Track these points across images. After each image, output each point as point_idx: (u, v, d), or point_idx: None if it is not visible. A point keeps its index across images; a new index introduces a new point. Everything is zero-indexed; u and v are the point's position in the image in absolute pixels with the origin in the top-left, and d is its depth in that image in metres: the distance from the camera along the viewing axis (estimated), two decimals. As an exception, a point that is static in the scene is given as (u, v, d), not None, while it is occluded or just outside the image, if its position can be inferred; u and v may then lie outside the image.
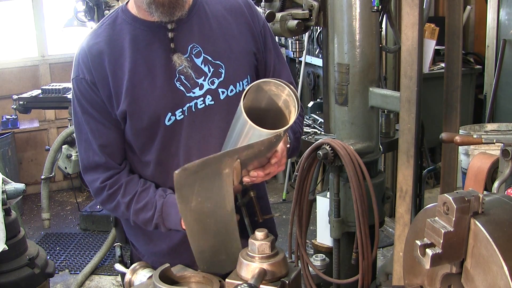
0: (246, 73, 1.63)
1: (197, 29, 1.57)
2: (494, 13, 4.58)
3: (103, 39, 1.54)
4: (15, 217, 2.41)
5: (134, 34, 1.54)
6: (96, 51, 1.53)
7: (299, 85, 5.21)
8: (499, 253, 0.81)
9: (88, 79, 1.52)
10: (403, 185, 2.03)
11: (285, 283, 1.16)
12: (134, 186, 1.58)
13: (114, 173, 1.59)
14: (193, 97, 1.55)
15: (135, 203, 1.56)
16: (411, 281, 1.03)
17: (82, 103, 1.55)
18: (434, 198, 4.15)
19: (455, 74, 2.29)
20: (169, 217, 1.52)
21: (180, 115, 1.54)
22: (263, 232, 1.18)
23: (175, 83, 1.53)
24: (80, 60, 1.54)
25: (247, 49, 1.64)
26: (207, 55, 1.57)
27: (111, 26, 1.57)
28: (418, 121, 1.97)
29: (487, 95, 4.69)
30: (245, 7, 1.66)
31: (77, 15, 4.29)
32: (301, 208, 2.54)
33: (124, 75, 1.51)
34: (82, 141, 1.60)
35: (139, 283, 1.37)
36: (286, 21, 2.50)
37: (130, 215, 1.57)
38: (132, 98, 1.51)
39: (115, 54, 1.52)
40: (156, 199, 1.54)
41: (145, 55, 1.53)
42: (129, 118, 1.53)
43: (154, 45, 1.54)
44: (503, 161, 1.70)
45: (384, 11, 2.46)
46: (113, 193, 1.57)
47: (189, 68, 1.53)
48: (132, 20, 1.55)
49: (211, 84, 1.57)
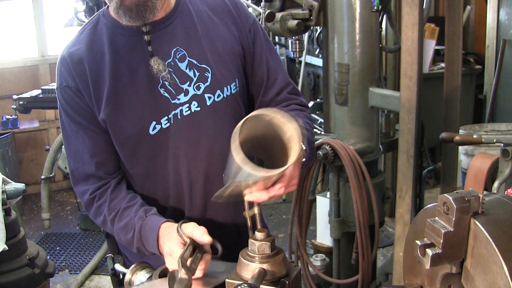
0: (234, 77, 1.52)
1: (180, 32, 1.49)
2: (494, 13, 4.59)
3: (83, 45, 1.47)
4: (15, 217, 2.41)
5: (114, 40, 1.46)
6: (76, 58, 1.46)
7: (299, 85, 5.21)
8: (499, 253, 0.81)
9: (72, 86, 1.45)
10: (403, 185, 2.03)
11: (285, 283, 1.16)
12: (119, 202, 1.49)
13: (103, 183, 1.51)
14: (178, 104, 1.45)
15: (117, 221, 1.47)
16: (411, 281, 1.03)
17: (69, 112, 1.48)
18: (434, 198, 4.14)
19: (455, 74, 2.29)
20: (147, 241, 1.41)
21: (166, 123, 1.46)
22: (263, 232, 1.18)
23: (159, 90, 1.45)
24: (62, 68, 1.47)
25: (234, 50, 1.53)
26: (192, 58, 1.47)
27: (92, 31, 1.49)
28: (418, 121, 1.97)
29: (487, 95, 4.69)
30: (232, 6, 1.56)
31: (77, 15, 4.29)
32: (301, 208, 2.54)
33: (105, 83, 1.43)
34: (71, 152, 1.52)
35: (139, 283, 1.37)
36: (286, 21, 2.50)
37: (115, 235, 1.51)
38: (113, 107, 1.43)
39: (95, 60, 1.45)
40: (135, 222, 1.43)
41: (127, 61, 1.45)
42: (110, 128, 1.45)
43: (134, 51, 1.45)
44: (503, 161, 1.70)
45: (384, 11, 2.46)
46: (100, 206, 1.50)
47: (172, 73, 1.45)
48: (112, 25, 1.47)
49: (197, 90, 1.47)
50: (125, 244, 1.50)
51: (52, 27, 5.56)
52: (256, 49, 1.57)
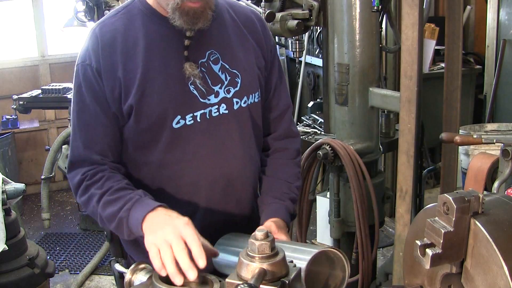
0: (257, 87, 1.59)
1: (216, 36, 1.53)
2: (494, 13, 4.59)
3: (117, 27, 1.47)
4: (15, 217, 2.41)
5: (151, 28, 1.47)
6: (108, 39, 1.45)
7: (299, 85, 5.21)
8: (499, 253, 0.81)
9: (94, 66, 1.44)
10: (403, 185, 2.03)
11: (285, 283, 1.15)
12: (113, 182, 1.45)
13: (97, 166, 1.48)
14: (208, 104, 1.49)
15: (108, 195, 1.42)
16: (411, 281, 1.03)
17: (82, 91, 1.47)
18: (434, 198, 4.14)
19: (455, 74, 2.29)
20: (134, 214, 1.36)
21: (190, 120, 1.47)
22: (263, 232, 1.18)
23: (189, 87, 1.47)
24: (90, 46, 1.46)
25: (259, 63, 1.61)
26: (225, 62, 1.52)
27: (127, 15, 1.49)
28: (418, 121, 1.97)
29: (487, 95, 4.69)
30: (259, 26, 1.64)
31: (77, 15, 4.29)
32: (301, 208, 2.54)
33: (137, 68, 1.44)
34: (75, 132, 1.50)
35: (139, 283, 1.37)
36: (286, 21, 2.50)
37: (99, 208, 1.43)
38: (142, 94, 1.44)
39: (128, 44, 1.45)
40: (131, 196, 1.40)
41: (161, 51, 1.46)
42: (134, 114, 1.45)
43: (171, 43, 1.47)
44: (503, 161, 1.70)
45: (384, 11, 2.46)
46: (90, 184, 1.46)
47: (205, 73, 1.49)
48: (150, 13, 1.48)
49: (227, 93, 1.52)
50: (106, 217, 1.42)
51: (52, 27, 5.56)
52: (273, 69, 1.66)
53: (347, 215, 2.47)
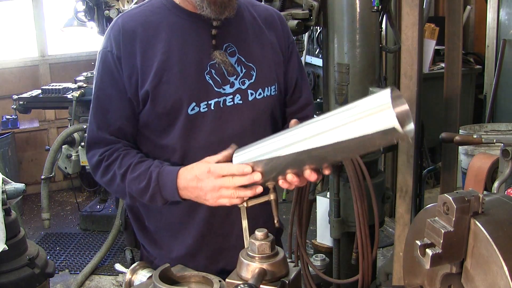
0: (274, 80, 1.65)
1: (234, 30, 1.60)
2: (494, 13, 4.59)
3: (138, 18, 1.56)
4: (15, 217, 2.41)
5: (172, 20, 1.56)
6: (129, 27, 1.54)
7: (299, 85, 5.21)
8: (499, 253, 0.81)
9: (115, 53, 1.52)
10: (403, 185, 2.03)
11: (285, 283, 1.16)
12: (131, 158, 1.54)
13: (112, 146, 1.57)
14: (223, 94, 1.55)
15: (129, 173, 1.51)
16: (411, 281, 1.03)
17: (102, 75, 1.55)
18: (434, 198, 4.15)
19: (455, 74, 2.29)
20: (165, 186, 1.46)
21: (205, 108, 1.54)
22: (263, 232, 1.18)
23: (205, 76, 1.54)
24: (112, 34, 1.55)
25: (276, 58, 1.67)
26: (241, 56, 1.59)
27: (149, 8, 1.59)
28: (418, 121, 1.97)
29: (487, 95, 4.70)
30: (279, 22, 1.72)
31: (77, 15, 4.29)
32: (301, 208, 2.54)
33: (156, 56, 1.52)
34: (92, 114, 1.59)
35: (139, 283, 1.37)
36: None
37: (126, 187, 1.52)
38: (159, 81, 1.51)
39: (148, 34, 1.53)
40: (152, 169, 1.49)
41: (180, 42, 1.54)
42: (150, 100, 1.52)
43: (191, 35, 1.55)
44: (503, 161, 1.70)
45: (384, 11, 2.46)
46: (110, 164, 1.54)
47: (223, 65, 1.55)
48: (172, 7, 1.57)
49: (242, 84, 1.58)
50: (136, 195, 1.51)
51: (52, 27, 5.56)
52: (290, 64, 1.73)
53: (347, 215, 2.47)
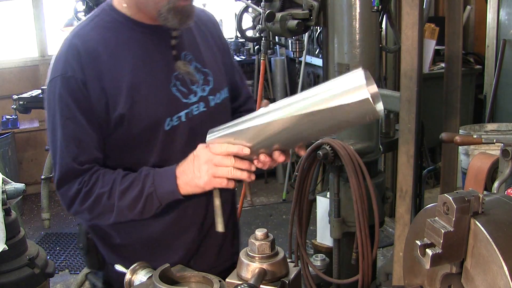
0: (226, 82, 1.68)
1: (186, 37, 1.58)
2: (494, 13, 4.59)
3: (95, 37, 1.46)
4: (15, 217, 2.41)
5: (130, 35, 1.49)
6: (91, 49, 1.44)
7: (299, 85, 5.21)
8: (499, 253, 0.81)
9: (79, 77, 1.41)
10: (403, 185, 2.03)
11: (285, 283, 1.16)
12: (112, 174, 1.47)
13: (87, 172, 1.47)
14: (189, 104, 1.55)
15: (119, 185, 1.45)
16: (411, 281, 1.03)
17: (68, 103, 1.42)
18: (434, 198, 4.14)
19: (455, 74, 2.29)
20: (162, 183, 1.43)
21: (177, 121, 1.52)
22: (263, 232, 1.18)
23: (171, 89, 1.52)
24: (70, 57, 1.43)
25: (222, 60, 1.70)
26: (197, 63, 1.58)
27: (102, 24, 1.50)
28: (418, 121, 1.97)
29: (487, 95, 4.69)
30: (216, 26, 1.74)
31: (77, 15, 4.29)
32: (301, 208, 2.54)
33: (123, 76, 1.45)
34: (61, 146, 1.46)
35: (139, 283, 1.37)
36: (286, 21, 2.50)
37: (115, 201, 1.44)
38: (133, 101, 1.45)
39: (110, 53, 1.45)
40: (143, 174, 1.46)
41: (144, 58, 1.49)
42: (127, 122, 1.46)
43: (152, 48, 1.50)
44: (503, 161, 1.70)
45: (384, 11, 2.46)
46: (91, 187, 1.45)
47: (186, 75, 1.54)
48: (125, 21, 1.50)
49: (203, 92, 1.58)
50: (129, 203, 1.45)
51: (52, 27, 5.56)
52: (230, 61, 1.77)
53: (347, 215, 2.47)
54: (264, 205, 5.30)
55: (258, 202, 5.39)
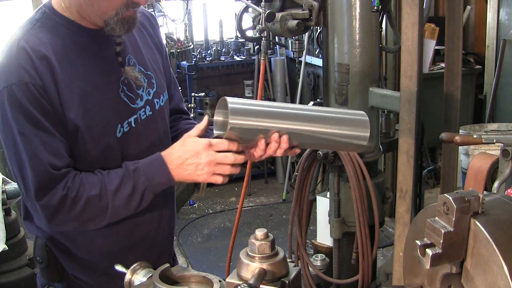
0: (165, 85, 1.68)
1: (127, 41, 1.55)
2: (494, 13, 4.59)
3: (43, 41, 1.38)
4: (15, 217, 2.41)
5: (76, 40, 1.44)
6: (40, 53, 1.36)
7: (299, 85, 5.21)
8: (499, 253, 0.81)
9: (37, 83, 1.33)
10: (403, 185, 2.03)
11: (285, 283, 1.16)
12: (93, 176, 1.43)
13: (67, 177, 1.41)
14: (137, 108, 1.53)
15: (108, 185, 1.41)
16: (411, 281, 1.03)
17: (29, 111, 1.33)
18: (434, 198, 4.15)
19: (455, 74, 2.29)
20: (155, 176, 1.43)
21: (127, 127, 1.51)
22: (263, 232, 1.18)
23: (120, 94, 1.49)
24: (23, 62, 1.34)
25: (161, 62, 1.68)
26: (140, 66, 1.56)
27: (46, 28, 1.42)
28: (418, 121, 1.97)
29: (487, 95, 4.69)
30: (154, 25, 1.70)
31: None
32: (301, 208, 2.54)
33: (75, 83, 1.39)
34: (34, 154, 1.36)
35: (139, 283, 1.37)
36: (286, 21, 2.50)
37: (109, 202, 1.41)
38: (85, 109, 1.41)
39: (60, 59, 1.38)
40: (131, 169, 1.43)
41: (92, 63, 1.45)
42: (81, 131, 1.41)
43: (98, 54, 1.47)
44: (503, 161, 1.70)
45: (384, 11, 2.46)
46: (77, 194, 1.39)
47: (133, 80, 1.52)
48: (69, 25, 1.44)
49: (148, 95, 1.57)
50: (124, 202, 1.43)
51: (52, 27, 5.56)
52: (168, 65, 1.75)
53: (347, 215, 2.47)
54: (264, 205, 5.30)
55: (258, 202, 5.39)
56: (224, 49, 5.81)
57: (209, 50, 5.80)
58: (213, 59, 5.64)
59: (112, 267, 1.38)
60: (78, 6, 1.41)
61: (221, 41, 5.92)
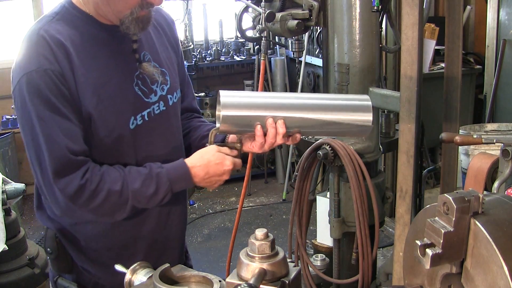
0: (179, 82, 1.73)
1: (143, 38, 1.60)
2: (494, 13, 4.59)
3: (62, 32, 1.44)
4: (15, 217, 2.41)
5: (94, 33, 1.49)
6: (58, 41, 1.41)
7: (299, 85, 5.21)
8: (499, 253, 0.81)
9: (56, 69, 1.38)
10: (403, 185, 2.03)
11: (285, 283, 1.16)
12: (115, 171, 1.48)
13: (86, 167, 1.44)
14: (151, 103, 1.58)
15: (130, 183, 1.46)
16: (411, 281, 1.03)
17: (48, 97, 1.38)
18: (434, 198, 4.15)
19: (455, 74, 2.29)
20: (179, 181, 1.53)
21: (140, 120, 1.55)
22: (263, 232, 1.18)
23: (134, 88, 1.54)
24: (42, 49, 1.39)
25: (176, 60, 1.74)
26: (155, 62, 1.61)
27: (65, 22, 1.47)
28: (418, 121, 1.97)
29: (487, 95, 4.70)
30: (171, 24, 1.76)
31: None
32: (301, 208, 2.54)
33: (91, 74, 1.45)
34: (52, 136, 1.39)
35: (139, 283, 1.37)
36: (286, 21, 2.50)
37: (129, 199, 1.46)
38: (98, 101, 1.45)
39: (78, 50, 1.43)
40: (154, 172, 1.50)
41: (108, 56, 1.51)
42: (94, 121, 1.46)
43: (115, 48, 1.53)
44: (503, 161, 1.70)
45: (384, 11, 2.46)
46: (98, 184, 1.43)
47: (148, 75, 1.57)
48: (88, 19, 1.50)
49: (162, 91, 1.62)
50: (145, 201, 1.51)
51: (52, 27, 5.55)
52: (183, 65, 1.82)
53: (347, 215, 2.47)
54: (264, 205, 5.30)
55: (258, 202, 5.39)
56: (224, 49, 5.81)
57: (209, 50, 5.80)
58: (213, 59, 5.64)
59: (120, 261, 1.42)
60: (95, 3, 1.47)
61: (221, 41, 5.92)
